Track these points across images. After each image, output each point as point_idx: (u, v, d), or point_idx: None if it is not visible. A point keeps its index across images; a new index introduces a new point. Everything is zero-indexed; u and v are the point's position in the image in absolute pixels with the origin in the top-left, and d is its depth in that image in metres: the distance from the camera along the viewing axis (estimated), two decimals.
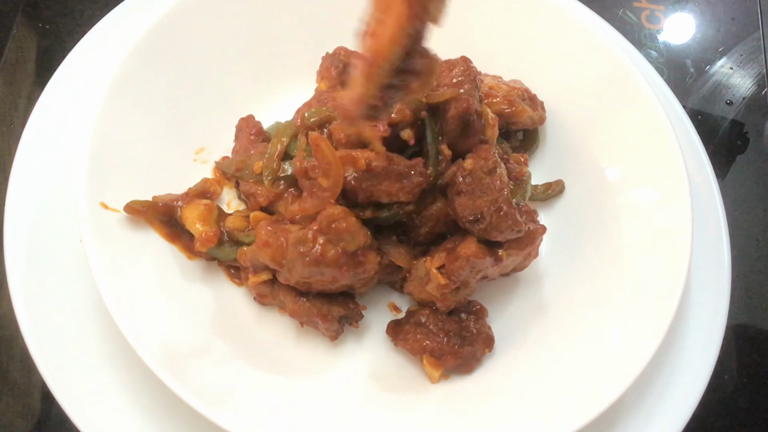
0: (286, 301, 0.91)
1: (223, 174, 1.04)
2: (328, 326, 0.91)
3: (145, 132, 0.99)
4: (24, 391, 0.98)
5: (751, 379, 1.11)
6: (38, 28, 1.28)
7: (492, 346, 0.95)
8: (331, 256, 0.84)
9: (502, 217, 0.86)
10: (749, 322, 1.16)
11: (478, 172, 0.88)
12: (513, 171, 0.98)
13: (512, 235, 0.88)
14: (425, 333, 0.93)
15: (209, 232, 0.93)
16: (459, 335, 0.93)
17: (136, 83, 0.98)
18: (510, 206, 0.87)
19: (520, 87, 1.10)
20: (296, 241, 0.85)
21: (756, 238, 1.24)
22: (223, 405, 0.81)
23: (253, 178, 0.97)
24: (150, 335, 0.84)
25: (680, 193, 0.98)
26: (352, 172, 0.87)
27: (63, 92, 1.06)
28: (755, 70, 1.42)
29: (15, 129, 1.16)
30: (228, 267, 0.98)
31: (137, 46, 0.99)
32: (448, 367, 0.92)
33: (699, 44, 1.45)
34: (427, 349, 0.92)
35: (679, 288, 0.91)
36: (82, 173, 0.90)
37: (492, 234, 0.87)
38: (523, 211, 0.91)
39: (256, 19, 1.10)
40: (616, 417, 0.94)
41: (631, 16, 1.47)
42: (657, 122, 1.02)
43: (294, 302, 0.90)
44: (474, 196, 0.87)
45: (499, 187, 0.87)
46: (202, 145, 1.06)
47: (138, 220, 0.93)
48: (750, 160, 1.32)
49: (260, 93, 1.12)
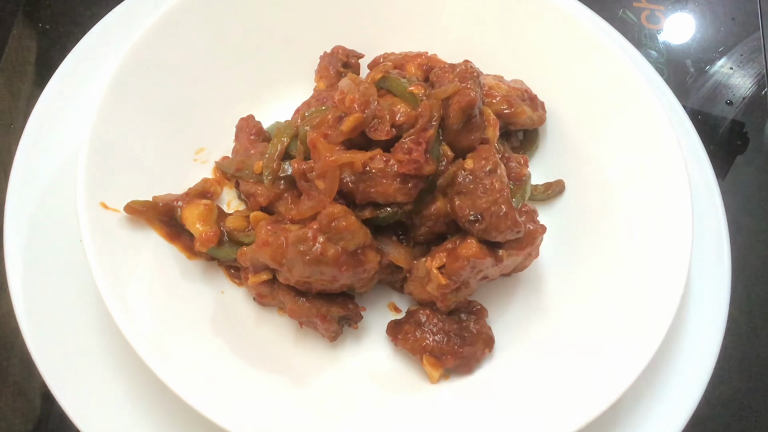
0: (285, 301, 0.91)
1: (223, 174, 1.04)
2: (327, 327, 0.91)
3: (145, 132, 0.99)
4: (24, 391, 0.98)
5: (751, 379, 1.11)
6: (38, 28, 1.28)
7: (492, 347, 0.95)
8: (330, 255, 0.84)
9: (501, 217, 0.86)
10: (749, 321, 1.16)
11: (479, 173, 0.88)
12: (513, 171, 0.98)
13: (512, 235, 0.88)
14: (425, 333, 0.93)
15: (209, 232, 0.93)
16: (459, 335, 0.93)
17: (136, 83, 0.98)
18: (510, 207, 0.87)
19: (521, 87, 1.10)
20: (296, 240, 0.85)
21: (756, 237, 1.24)
22: (223, 405, 0.81)
23: (253, 178, 0.97)
24: (149, 335, 0.84)
25: (680, 193, 0.98)
26: (349, 174, 0.87)
27: (63, 92, 1.06)
28: (755, 70, 1.42)
29: (15, 129, 1.16)
30: (228, 267, 0.98)
31: (137, 46, 0.99)
32: (448, 367, 0.92)
33: (699, 44, 1.45)
34: (427, 348, 0.92)
35: (679, 288, 0.91)
36: (81, 173, 0.90)
37: (491, 234, 0.87)
38: (522, 211, 0.91)
39: (255, 20, 1.10)
40: (616, 417, 0.94)
41: (631, 16, 1.47)
42: (657, 122, 1.02)
43: (293, 302, 0.90)
44: (474, 196, 0.87)
45: (499, 188, 0.87)
46: (202, 145, 1.06)
47: (138, 220, 0.93)
48: (750, 160, 1.32)
49: (260, 93, 1.12)
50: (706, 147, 1.16)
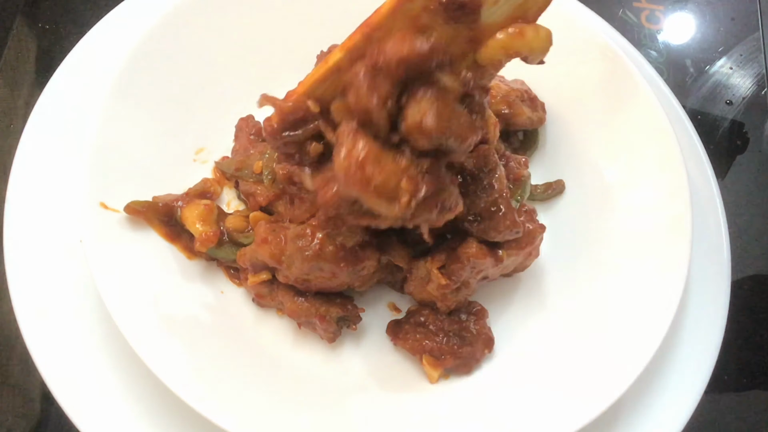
0: (284, 300, 0.91)
1: (223, 174, 1.04)
2: (326, 327, 0.91)
3: (146, 132, 0.99)
4: (24, 391, 0.98)
5: (751, 379, 1.11)
6: (38, 28, 1.28)
7: (492, 347, 0.95)
8: (329, 251, 0.84)
9: (500, 217, 0.86)
10: (749, 321, 1.16)
11: (478, 173, 0.88)
12: (512, 172, 0.98)
13: (511, 235, 0.88)
14: (425, 333, 0.93)
15: (209, 232, 0.93)
16: (459, 335, 0.93)
17: (136, 83, 0.98)
18: (509, 207, 0.87)
19: (521, 88, 1.10)
20: (295, 235, 0.85)
21: (756, 237, 1.24)
22: (222, 404, 0.81)
23: (253, 177, 0.97)
24: (149, 335, 0.84)
25: (680, 193, 0.98)
26: None
27: (63, 92, 1.06)
28: (755, 70, 1.42)
29: (15, 129, 1.16)
30: (228, 267, 0.98)
31: (137, 46, 0.99)
32: (447, 367, 0.92)
33: (699, 44, 1.45)
34: (426, 348, 0.92)
35: (679, 288, 0.91)
36: (82, 173, 0.90)
37: (490, 234, 0.87)
38: (522, 211, 0.91)
39: (255, 20, 1.10)
40: (616, 417, 0.94)
41: (631, 16, 1.47)
42: (657, 122, 1.02)
43: (292, 302, 0.90)
44: (474, 196, 0.87)
45: (498, 189, 0.87)
46: (202, 145, 1.06)
47: (138, 220, 0.93)
48: (750, 160, 1.32)
49: (260, 93, 1.12)
50: (706, 147, 1.16)
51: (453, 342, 0.92)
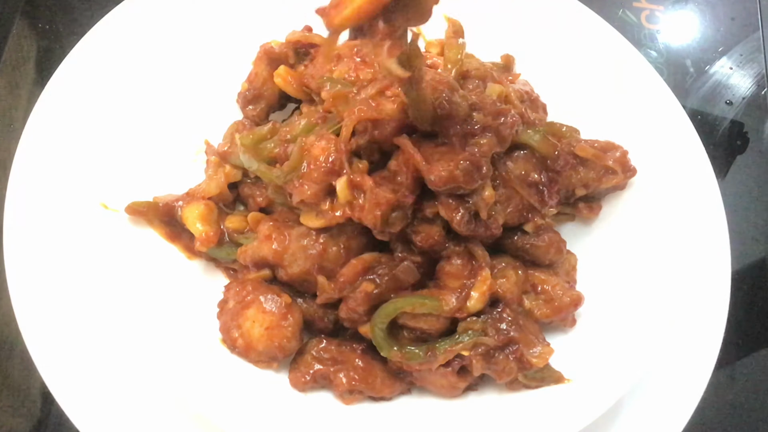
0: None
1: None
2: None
3: (146, 132, 0.99)
4: (24, 391, 0.98)
5: (751, 379, 1.11)
6: (38, 28, 1.28)
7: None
8: (333, 252, 0.85)
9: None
10: (749, 321, 1.16)
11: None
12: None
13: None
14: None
15: (209, 232, 0.93)
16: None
17: (136, 83, 0.98)
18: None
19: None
20: (299, 235, 0.86)
21: (756, 237, 1.24)
22: (222, 405, 0.81)
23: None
24: (149, 335, 0.84)
25: (682, 196, 0.98)
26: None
27: (63, 92, 1.05)
28: (755, 70, 1.42)
29: (15, 129, 1.16)
30: (228, 267, 0.98)
31: (137, 46, 0.99)
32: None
33: (699, 44, 1.45)
34: None
35: (680, 288, 0.91)
36: (82, 173, 0.90)
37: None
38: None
39: (255, 20, 1.10)
40: (616, 417, 0.94)
41: (631, 16, 1.47)
42: (658, 122, 1.02)
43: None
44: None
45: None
46: (202, 145, 1.06)
47: (138, 220, 0.93)
48: (750, 160, 1.32)
49: None
50: (705, 147, 1.16)
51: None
